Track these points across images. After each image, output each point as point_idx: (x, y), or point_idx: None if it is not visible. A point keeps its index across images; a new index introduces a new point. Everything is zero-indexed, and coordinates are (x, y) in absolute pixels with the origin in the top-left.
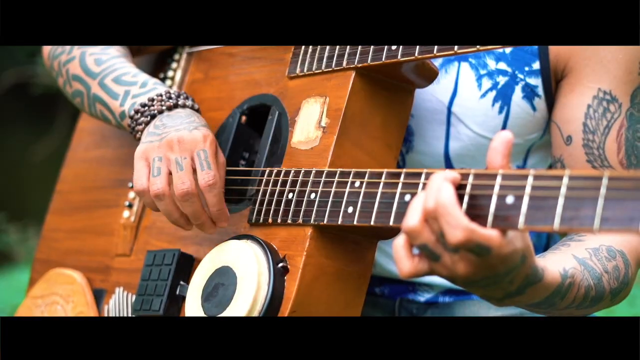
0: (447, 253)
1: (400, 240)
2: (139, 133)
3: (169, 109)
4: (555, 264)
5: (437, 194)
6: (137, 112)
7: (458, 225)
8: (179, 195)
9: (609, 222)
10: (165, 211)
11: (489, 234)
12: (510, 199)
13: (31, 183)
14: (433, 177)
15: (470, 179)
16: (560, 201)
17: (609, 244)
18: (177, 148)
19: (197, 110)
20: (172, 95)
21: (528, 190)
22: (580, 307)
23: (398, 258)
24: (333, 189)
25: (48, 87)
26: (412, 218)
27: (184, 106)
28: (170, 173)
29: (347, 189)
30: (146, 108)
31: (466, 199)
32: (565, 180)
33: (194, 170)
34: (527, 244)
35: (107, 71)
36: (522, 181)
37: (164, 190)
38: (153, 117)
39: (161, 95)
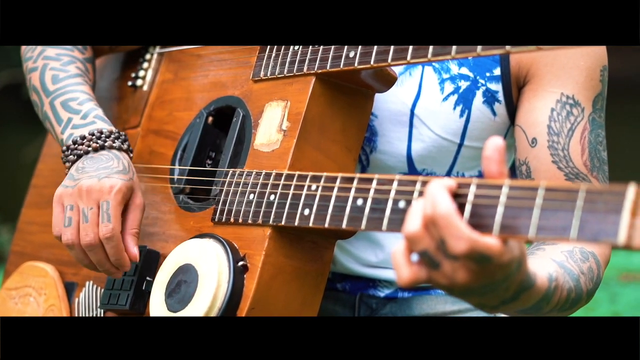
0: (447, 260)
1: (399, 247)
2: (67, 170)
3: (95, 150)
4: (541, 268)
5: (434, 204)
6: (67, 148)
7: (461, 236)
8: (83, 245)
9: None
10: (76, 258)
11: (490, 243)
12: (516, 209)
13: (24, 184)
14: (430, 186)
15: (473, 189)
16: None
17: (580, 246)
18: (85, 197)
19: (127, 150)
20: (102, 136)
21: (539, 202)
22: (562, 309)
23: (397, 265)
24: (291, 192)
25: None
26: (413, 223)
27: (110, 148)
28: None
29: (304, 192)
30: (75, 146)
31: (468, 207)
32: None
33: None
34: (523, 251)
35: (59, 92)
36: (533, 192)
37: (73, 241)
38: (79, 156)
39: (93, 134)
